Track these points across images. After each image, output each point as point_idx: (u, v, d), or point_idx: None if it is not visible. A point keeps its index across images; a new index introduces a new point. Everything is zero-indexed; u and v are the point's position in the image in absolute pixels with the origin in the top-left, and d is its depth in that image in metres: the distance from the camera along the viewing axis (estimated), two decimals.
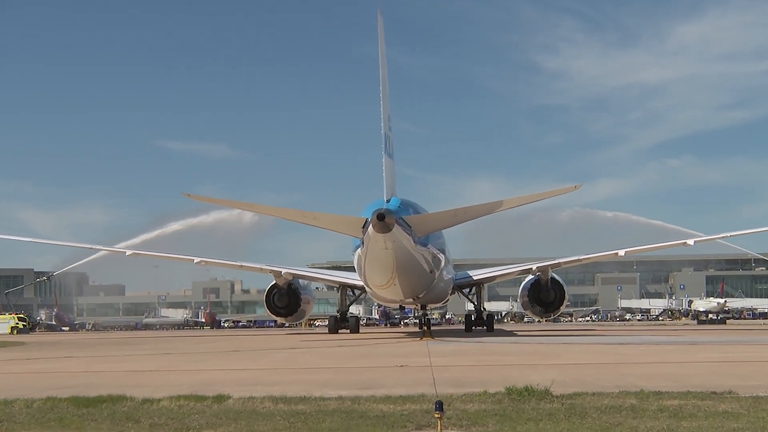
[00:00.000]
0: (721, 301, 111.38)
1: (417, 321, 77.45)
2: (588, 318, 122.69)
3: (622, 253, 56.21)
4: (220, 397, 13.24)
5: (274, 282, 55.23)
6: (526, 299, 54.66)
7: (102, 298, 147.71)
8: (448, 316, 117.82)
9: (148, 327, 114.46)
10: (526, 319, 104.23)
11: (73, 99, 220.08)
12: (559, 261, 56.07)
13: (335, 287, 66.56)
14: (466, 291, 61.07)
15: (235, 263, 59.12)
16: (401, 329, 74.99)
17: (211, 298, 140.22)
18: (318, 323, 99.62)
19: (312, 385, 15.29)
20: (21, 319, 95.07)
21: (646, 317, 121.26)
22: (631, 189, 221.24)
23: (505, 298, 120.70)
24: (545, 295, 53.39)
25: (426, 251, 39.43)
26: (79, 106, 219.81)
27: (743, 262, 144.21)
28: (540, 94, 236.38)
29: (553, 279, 53.68)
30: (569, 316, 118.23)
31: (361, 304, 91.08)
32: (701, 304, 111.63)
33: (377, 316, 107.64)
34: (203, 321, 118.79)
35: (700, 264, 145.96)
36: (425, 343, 35.56)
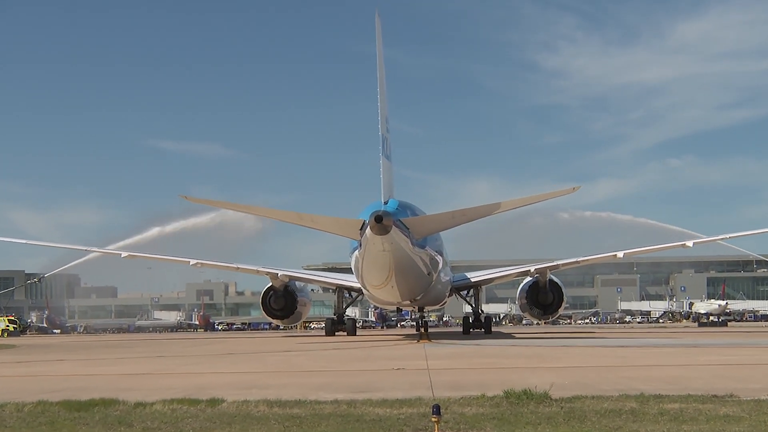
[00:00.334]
0: (723, 303, 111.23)
1: (414, 323, 77.43)
2: (587, 320, 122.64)
3: (620, 254, 56.13)
4: (213, 401, 13.08)
5: (270, 284, 55.09)
6: (524, 301, 54.67)
7: (94, 300, 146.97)
8: (445, 319, 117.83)
9: (140, 329, 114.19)
10: (524, 321, 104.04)
11: (64, 98, 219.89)
12: (558, 263, 56.08)
13: (331, 289, 66.50)
14: (463, 293, 60.95)
15: (231, 265, 59.01)
16: (398, 331, 74.85)
17: (205, 300, 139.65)
18: (313, 325, 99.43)
19: (307, 389, 15.14)
20: (11, 321, 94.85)
21: (646, 319, 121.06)
22: (632, 189, 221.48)
23: (503, 300, 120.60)
24: (543, 297, 53.43)
25: (424, 253, 39.37)
26: (70, 106, 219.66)
27: (745, 264, 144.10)
28: (539, 93, 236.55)
29: (551, 281, 53.67)
30: (568, 319, 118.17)
31: (357, 306, 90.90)
32: (702, 306, 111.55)
33: (373, 319, 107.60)
34: (197, 323, 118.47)
35: (701, 266, 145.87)
36: (422, 345, 35.43)
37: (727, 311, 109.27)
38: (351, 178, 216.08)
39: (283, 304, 55.01)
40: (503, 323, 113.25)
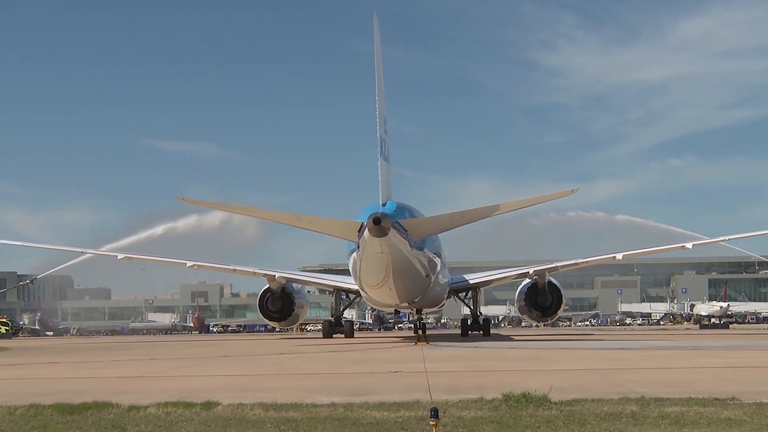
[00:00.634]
0: (724, 305, 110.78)
1: (411, 325, 77.27)
2: (587, 322, 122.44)
3: (620, 256, 56.07)
4: (208, 404, 12.97)
5: (267, 286, 54.95)
6: (523, 303, 54.64)
7: (87, 302, 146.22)
8: (443, 321, 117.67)
9: (134, 331, 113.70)
10: (523, 323, 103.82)
11: (58, 97, 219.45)
12: (557, 265, 56.03)
13: (327, 291, 66.23)
14: (462, 295, 60.85)
15: (228, 267, 58.86)
16: (395, 334, 74.69)
17: (200, 302, 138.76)
18: (309, 328, 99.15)
19: (304, 392, 15.02)
20: (3, 323, 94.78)
21: (647, 321, 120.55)
22: (632, 189, 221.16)
23: (502, 302, 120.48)
24: (542, 300, 53.42)
25: (422, 255, 39.31)
26: (64, 105, 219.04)
27: (746, 265, 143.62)
28: (539, 92, 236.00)
29: (550, 283, 53.65)
30: (568, 321, 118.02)
31: (354, 308, 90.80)
32: (704, 308, 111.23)
33: (370, 321, 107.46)
34: (191, 326, 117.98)
35: (702, 267, 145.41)
36: (420, 348, 35.27)
37: (729, 313, 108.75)
38: (348, 179, 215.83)
39: (280, 306, 54.87)
40: (502, 325, 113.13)
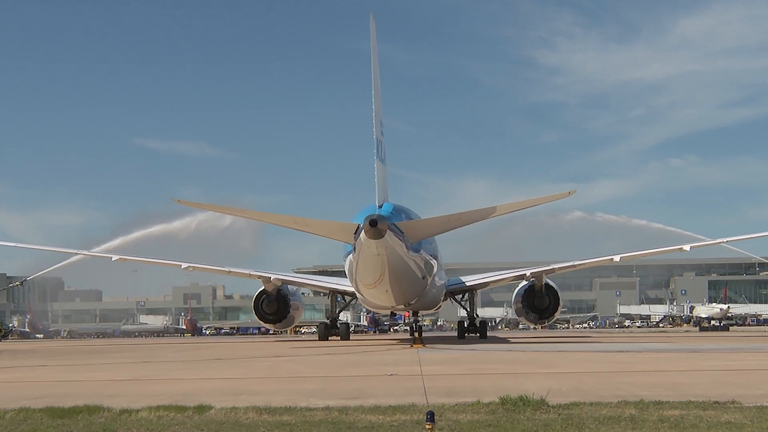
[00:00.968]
0: (724, 306, 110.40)
1: (407, 328, 77.18)
2: (586, 325, 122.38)
3: (617, 258, 55.98)
4: (201, 408, 12.84)
5: (262, 288, 54.82)
6: (520, 305, 54.62)
7: (78, 304, 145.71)
8: (440, 323, 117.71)
9: (126, 334, 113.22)
10: (521, 326, 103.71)
11: (48, 96, 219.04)
12: (554, 266, 55.95)
13: (323, 293, 66.06)
14: (458, 297, 60.81)
15: (223, 269, 58.67)
16: (391, 336, 74.55)
17: (192, 304, 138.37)
18: (304, 330, 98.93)
19: (298, 395, 14.88)
20: None
21: (646, 324, 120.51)
22: (632, 190, 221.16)
23: (499, 305, 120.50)
24: (539, 302, 53.40)
25: (418, 257, 39.28)
26: (54, 104, 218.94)
27: (747, 267, 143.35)
28: (537, 90, 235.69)
29: (547, 285, 53.58)
30: (566, 323, 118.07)
31: (349, 310, 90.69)
32: (703, 310, 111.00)
33: (366, 323, 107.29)
34: (184, 328, 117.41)
35: (702, 268, 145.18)
36: (416, 350, 35.15)
37: (729, 315, 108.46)
38: (342, 179, 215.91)
39: (275, 308, 54.78)
40: (499, 328, 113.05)
